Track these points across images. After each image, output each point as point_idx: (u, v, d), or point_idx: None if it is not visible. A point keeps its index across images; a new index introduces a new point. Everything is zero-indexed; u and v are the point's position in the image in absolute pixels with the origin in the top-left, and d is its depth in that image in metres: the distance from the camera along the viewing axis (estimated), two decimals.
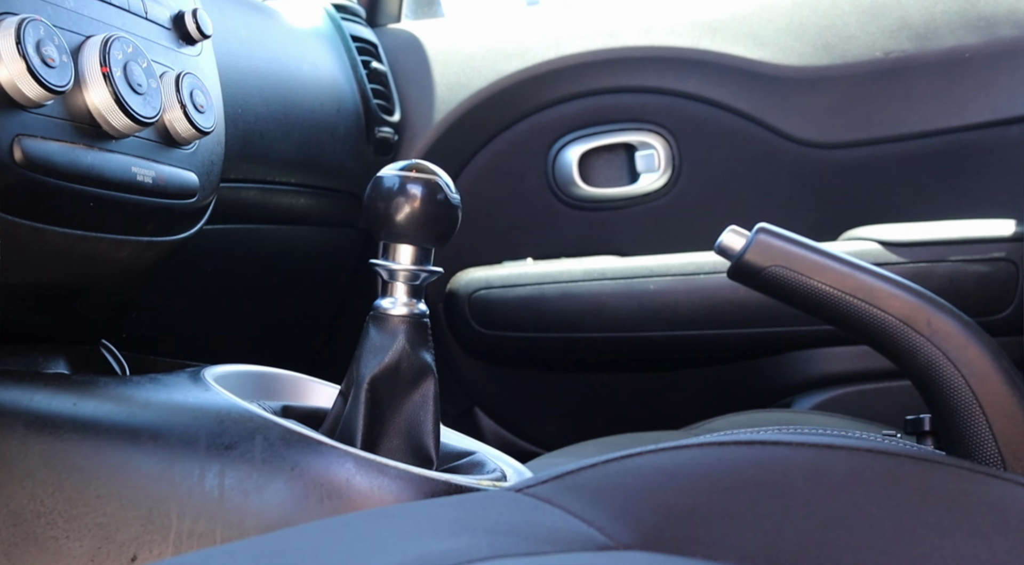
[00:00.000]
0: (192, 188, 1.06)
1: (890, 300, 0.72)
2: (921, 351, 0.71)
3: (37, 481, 0.79)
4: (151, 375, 0.88)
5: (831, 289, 0.73)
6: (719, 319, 1.83)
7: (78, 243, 0.94)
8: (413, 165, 0.89)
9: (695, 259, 1.87)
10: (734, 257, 0.75)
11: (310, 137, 1.63)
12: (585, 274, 1.90)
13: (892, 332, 0.72)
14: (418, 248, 0.88)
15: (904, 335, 0.72)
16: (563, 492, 0.64)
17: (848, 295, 0.73)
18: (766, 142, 1.92)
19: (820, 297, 0.73)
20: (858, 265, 0.73)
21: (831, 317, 0.74)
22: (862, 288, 0.73)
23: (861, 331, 0.73)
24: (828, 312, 0.74)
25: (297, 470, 0.78)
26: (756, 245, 0.75)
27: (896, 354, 0.73)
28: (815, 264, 0.73)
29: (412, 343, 0.88)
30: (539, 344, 1.92)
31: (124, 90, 0.93)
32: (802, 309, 0.75)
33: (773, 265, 0.74)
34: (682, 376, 1.92)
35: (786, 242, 0.75)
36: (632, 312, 1.86)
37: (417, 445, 0.88)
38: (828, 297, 0.73)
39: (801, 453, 0.67)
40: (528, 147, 1.98)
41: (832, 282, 0.73)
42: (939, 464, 0.66)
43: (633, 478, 0.65)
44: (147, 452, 0.79)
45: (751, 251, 0.75)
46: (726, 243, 0.76)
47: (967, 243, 1.79)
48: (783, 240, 0.75)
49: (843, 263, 0.74)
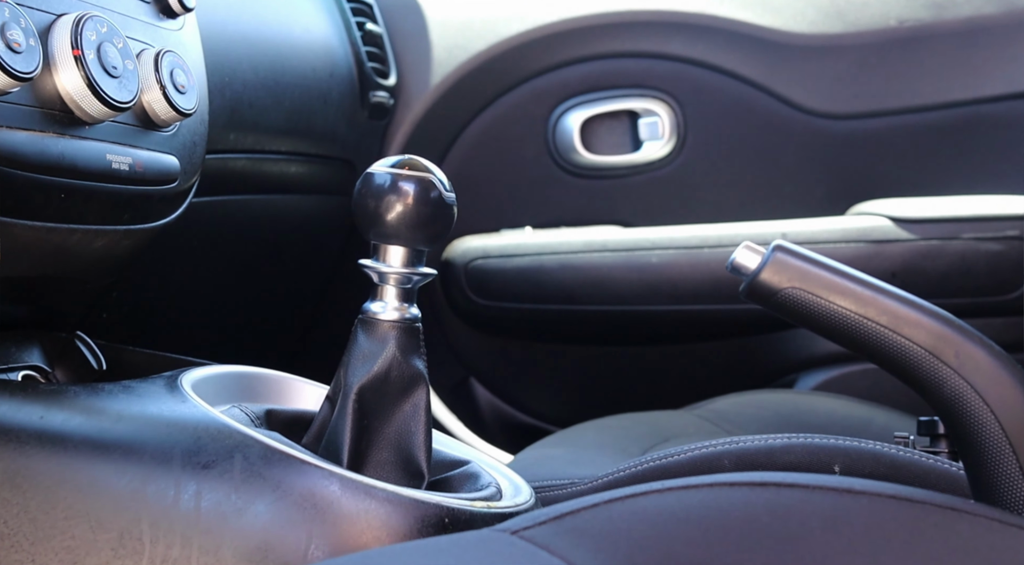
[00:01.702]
0: (172, 173, 1.00)
1: (916, 328, 0.67)
2: (947, 383, 0.66)
3: (1, 501, 0.74)
4: (124, 382, 0.83)
5: (853, 314, 0.68)
6: (723, 294, 1.79)
7: (49, 235, 0.89)
8: (405, 161, 0.83)
9: (699, 232, 1.82)
10: (748, 276, 0.70)
11: (302, 104, 1.57)
12: (585, 245, 1.84)
13: (917, 362, 0.67)
14: (410, 250, 0.83)
15: (930, 366, 0.67)
16: (563, 536, 0.60)
17: (871, 321, 0.67)
18: (774, 111, 1.86)
19: (840, 322, 0.68)
20: (882, 288, 0.68)
21: (851, 343, 0.69)
22: (886, 314, 0.67)
23: (883, 359, 0.68)
24: (848, 338, 0.69)
25: (279, 492, 0.73)
26: (772, 264, 0.69)
27: (920, 385, 0.68)
28: (835, 286, 0.68)
29: (403, 350, 0.83)
30: (537, 316, 1.87)
31: (98, 74, 0.87)
32: (820, 333, 0.70)
33: (790, 286, 0.69)
34: (684, 351, 1.87)
35: (804, 261, 0.69)
36: (633, 285, 1.81)
37: (407, 458, 0.83)
38: (849, 322, 0.68)
39: (819, 498, 0.62)
40: (528, 112, 1.91)
41: (854, 306, 0.68)
42: (966, 514, 0.61)
43: (639, 523, 0.61)
44: (119, 470, 0.74)
45: (767, 270, 0.69)
46: (739, 261, 0.71)
47: (979, 220, 1.74)
48: (801, 259, 0.69)
49: (866, 286, 0.68)
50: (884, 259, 1.74)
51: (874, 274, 1.78)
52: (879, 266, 1.74)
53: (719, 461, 0.95)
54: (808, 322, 0.69)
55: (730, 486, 0.64)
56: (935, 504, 0.61)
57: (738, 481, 0.64)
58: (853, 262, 1.73)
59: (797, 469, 0.94)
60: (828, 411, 1.58)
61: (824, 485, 0.63)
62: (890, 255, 1.74)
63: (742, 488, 0.63)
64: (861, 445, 0.93)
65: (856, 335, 0.68)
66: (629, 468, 1.00)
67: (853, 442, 0.94)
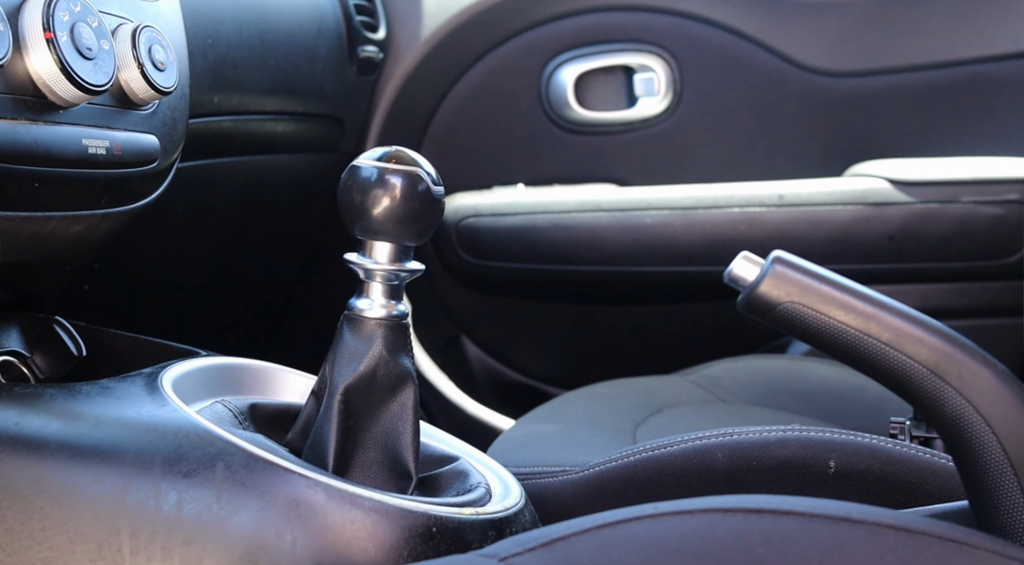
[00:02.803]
0: (152, 153, 0.97)
1: (918, 346, 0.65)
2: (949, 403, 0.64)
3: None
4: (102, 382, 0.80)
5: (853, 331, 0.65)
6: (718, 255, 1.76)
7: (23, 224, 0.86)
8: (392, 154, 0.80)
9: (694, 192, 1.79)
10: (745, 288, 0.68)
11: (288, 62, 1.53)
12: (579, 205, 1.81)
13: (918, 380, 0.65)
14: (397, 245, 0.80)
15: (931, 385, 0.65)
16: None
17: (871, 338, 0.65)
18: (773, 68, 1.82)
19: (840, 338, 0.66)
20: (884, 304, 0.66)
21: (851, 359, 0.67)
22: (888, 330, 0.65)
23: (884, 376, 0.66)
24: (848, 354, 0.66)
25: (262, 501, 0.71)
26: (771, 277, 0.67)
27: (921, 404, 0.66)
28: (836, 301, 0.66)
29: (390, 348, 0.81)
30: (529, 275, 1.84)
31: (71, 57, 0.83)
32: (819, 348, 0.67)
33: (789, 301, 0.66)
34: (678, 311, 1.85)
35: (804, 275, 0.67)
36: (627, 246, 1.79)
37: (394, 458, 0.81)
38: (849, 338, 0.66)
39: (815, 528, 0.60)
40: (521, 66, 1.87)
41: (854, 323, 0.65)
42: (966, 546, 0.59)
43: (630, 552, 0.59)
44: (97, 479, 0.72)
45: (765, 283, 0.67)
46: (737, 272, 0.68)
47: (979, 184, 1.71)
48: (801, 272, 0.67)
49: (868, 301, 0.66)
50: (882, 222, 1.72)
51: (871, 237, 1.76)
52: (876, 229, 1.72)
53: (713, 454, 0.94)
54: (806, 337, 0.67)
55: (724, 513, 0.62)
56: (935, 535, 0.59)
57: (733, 507, 0.62)
58: (850, 225, 1.72)
59: (792, 464, 0.92)
60: (821, 377, 1.57)
61: (821, 513, 0.61)
62: (888, 218, 1.72)
63: (737, 515, 0.62)
64: (857, 439, 0.92)
65: (856, 351, 0.66)
66: (620, 458, 0.98)
67: (849, 436, 0.92)
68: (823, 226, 1.73)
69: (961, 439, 0.65)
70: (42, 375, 0.96)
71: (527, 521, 0.80)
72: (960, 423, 0.65)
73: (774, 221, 1.74)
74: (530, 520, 0.81)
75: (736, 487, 0.93)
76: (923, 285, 1.74)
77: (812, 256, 1.77)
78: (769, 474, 0.92)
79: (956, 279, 1.72)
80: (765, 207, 1.74)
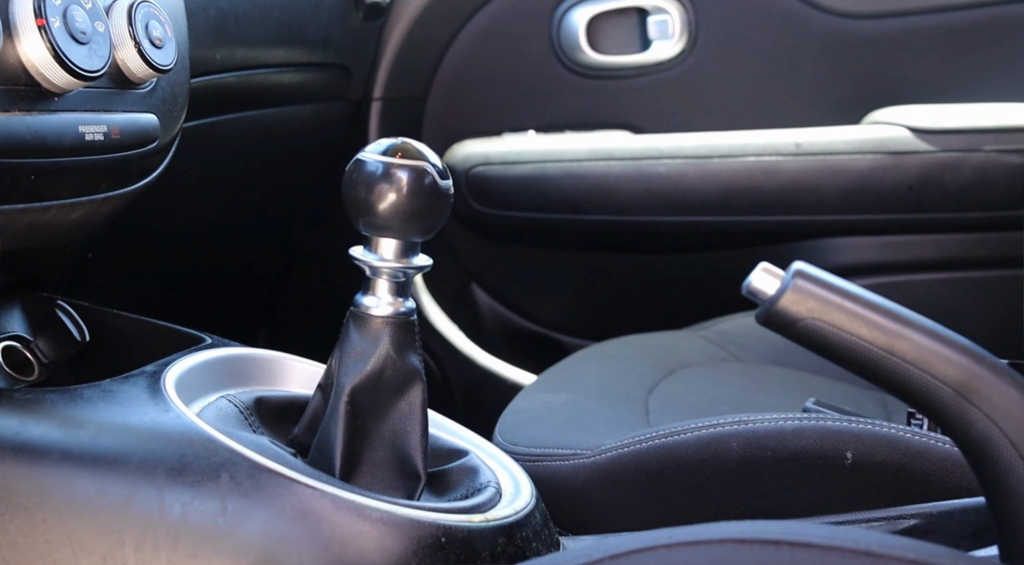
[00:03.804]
0: (152, 132, 0.94)
1: (944, 365, 0.62)
2: (976, 426, 0.62)
3: None
4: (105, 385, 0.78)
5: (876, 349, 0.63)
6: (732, 206, 1.73)
7: (20, 216, 0.84)
8: (398, 148, 0.77)
9: (708, 141, 1.75)
10: (764, 302, 0.65)
11: (292, 12, 1.49)
12: (591, 154, 1.77)
13: (944, 401, 0.63)
14: (404, 241, 0.78)
15: (957, 406, 0.62)
16: None
17: (895, 357, 0.63)
18: (791, 10, 1.76)
19: (863, 356, 0.64)
20: (909, 320, 0.63)
21: (874, 377, 0.64)
22: (913, 349, 0.63)
23: (908, 395, 0.64)
24: (871, 372, 0.64)
25: (267, 513, 0.70)
26: (791, 292, 0.64)
27: (947, 425, 0.63)
28: (859, 318, 0.63)
29: (397, 347, 0.78)
30: (540, 225, 1.81)
31: (64, 42, 0.80)
32: (841, 365, 0.65)
33: (810, 317, 0.64)
34: (690, 261, 1.82)
35: (826, 289, 0.64)
36: (640, 195, 1.75)
37: (403, 458, 0.79)
38: (872, 357, 0.63)
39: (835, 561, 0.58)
40: (531, 8, 1.82)
41: (878, 341, 0.63)
42: None
43: None
44: (100, 491, 0.71)
45: (785, 298, 0.64)
46: (756, 285, 0.65)
47: (1003, 132, 1.67)
48: (823, 287, 0.64)
49: (892, 318, 0.63)
50: (900, 171, 1.68)
51: (889, 187, 1.72)
52: (895, 179, 1.68)
53: (727, 443, 0.92)
54: (828, 354, 0.65)
55: (741, 543, 0.60)
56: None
57: (750, 538, 0.60)
58: (868, 174, 1.68)
59: (808, 454, 0.90)
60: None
61: (841, 545, 0.59)
62: (907, 167, 1.68)
63: (754, 547, 0.60)
64: (876, 429, 0.90)
65: (879, 370, 0.64)
66: (633, 443, 0.96)
67: (867, 425, 0.90)
68: (840, 176, 1.69)
69: (987, 462, 0.63)
70: (46, 359, 0.95)
71: (538, 522, 0.79)
72: (986, 446, 0.63)
73: (790, 170, 1.70)
74: (541, 520, 0.80)
75: (750, 477, 0.92)
76: (941, 235, 1.71)
77: (829, 206, 1.75)
78: (785, 464, 0.91)
79: (975, 229, 1.68)
80: (781, 156, 1.71)
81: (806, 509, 0.89)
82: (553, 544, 0.80)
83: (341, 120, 1.74)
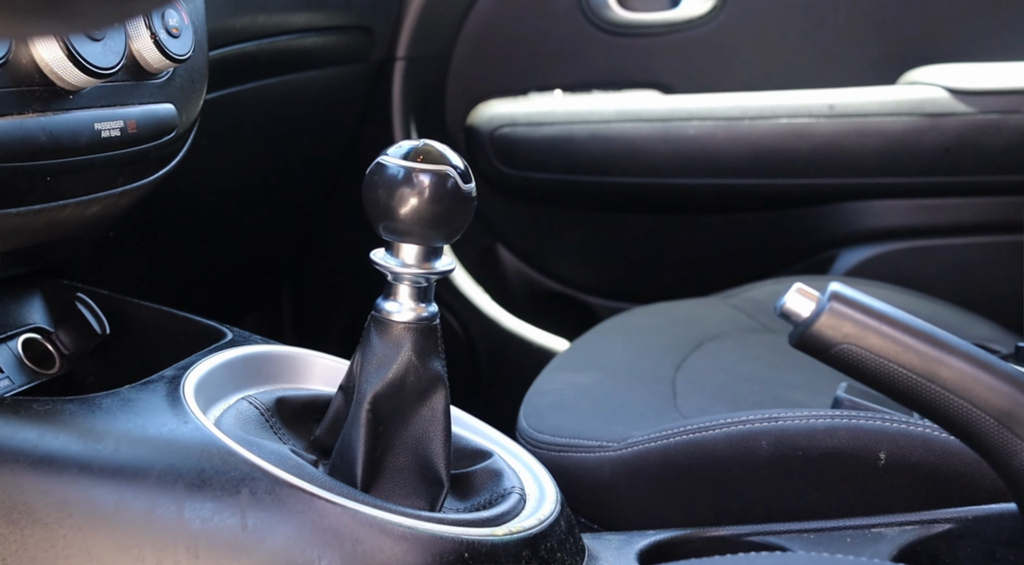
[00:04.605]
0: (170, 123, 0.92)
1: (986, 394, 0.60)
2: (1019, 456, 0.60)
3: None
4: (123, 394, 0.77)
5: (916, 377, 0.61)
6: (763, 168, 1.70)
7: (37, 216, 0.82)
8: (420, 151, 0.74)
9: (739, 102, 1.71)
10: (799, 325, 0.63)
11: None
12: (618, 115, 1.74)
13: (986, 431, 0.61)
14: (425, 247, 0.76)
15: (1000, 436, 0.61)
16: None
17: (935, 385, 0.61)
18: None
19: (902, 383, 0.62)
20: (950, 346, 0.61)
21: (912, 403, 0.63)
22: (953, 377, 0.61)
23: (948, 423, 0.62)
24: (910, 399, 0.62)
25: (288, 529, 0.69)
26: (828, 315, 0.62)
27: (988, 454, 0.62)
28: (897, 345, 0.61)
29: (419, 353, 0.77)
30: (566, 186, 1.79)
31: (78, 41, 0.78)
32: (879, 391, 0.63)
33: (846, 342, 0.62)
34: (720, 224, 1.79)
35: (863, 313, 0.62)
36: (669, 157, 1.72)
37: (426, 464, 0.78)
38: (911, 384, 0.61)
39: None
40: None
41: (917, 368, 0.61)
42: None
43: None
44: (120, 505, 0.70)
45: (821, 322, 0.62)
46: (790, 307, 0.63)
47: None
48: (859, 310, 0.62)
49: (932, 344, 0.61)
50: (938, 133, 1.64)
51: (926, 149, 1.68)
52: (932, 141, 1.64)
53: (756, 441, 0.90)
54: (865, 379, 0.63)
55: None
56: None
57: None
58: (904, 137, 1.64)
59: (840, 454, 0.89)
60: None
61: None
62: (945, 129, 1.63)
63: None
64: (910, 429, 0.88)
65: (919, 397, 0.62)
66: (660, 438, 0.95)
67: (901, 425, 0.88)
68: (875, 138, 1.65)
69: None
70: (66, 351, 0.94)
71: (563, 531, 0.78)
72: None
73: (823, 132, 1.66)
74: (566, 528, 0.79)
75: (780, 476, 0.90)
76: (979, 198, 1.67)
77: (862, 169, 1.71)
78: (815, 464, 0.89)
79: (1015, 193, 1.64)
80: (814, 117, 1.67)
81: (836, 510, 0.88)
82: (578, 552, 0.79)
83: (364, 82, 1.71)
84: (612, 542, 0.85)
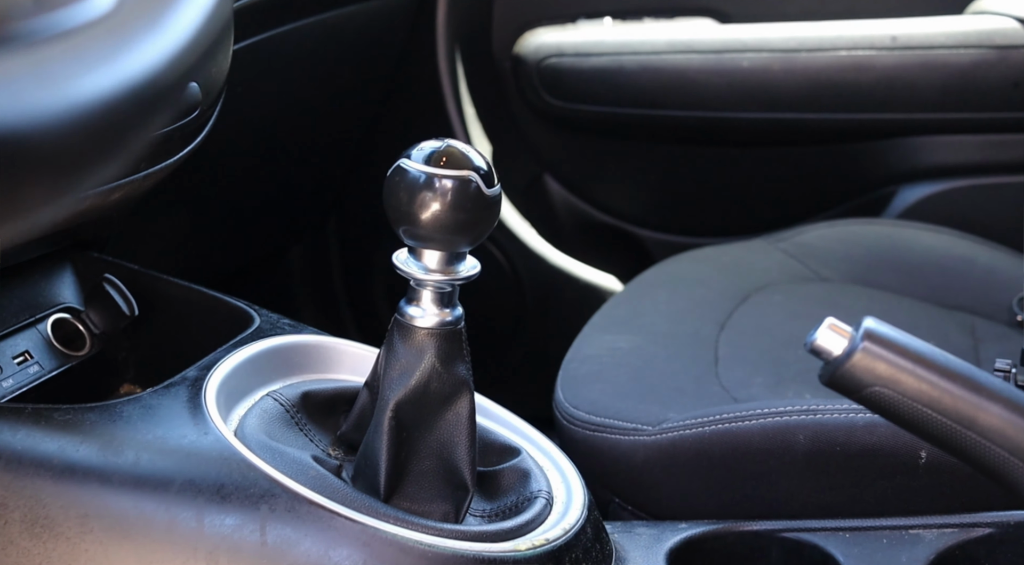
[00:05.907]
0: (193, 102, 0.89)
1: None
2: None
3: (21, 550, 0.71)
4: (144, 400, 0.76)
5: (951, 423, 0.58)
6: (820, 102, 1.63)
7: None
8: (442, 153, 0.71)
9: (795, 33, 1.63)
10: (830, 363, 0.60)
11: None
12: (669, 46, 1.67)
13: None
14: (448, 252, 0.73)
15: None
16: None
17: (972, 432, 0.58)
18: None
19: (937, 429, 0.59)
20: (988, 389, 0.58)
21: (948, 449, 0.60)
22: (991, 425, 0.57)
23: (985, 470, 0.59)
24: (945, 445, 0.59)
25: (307, 548, 0.69)
26: (860, 355, 0.59)
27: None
28: (933, 388, 0.58)
29: (443, 359, 0.75)
30: (615, 119, 1.73)
31: None
32: (913, 433, 0.60)
33: (879, 385, 0.59)
34: (774, 159, 1.74)
35: (897, 354, 0.59)
36: (721, 91, 1.66)
37: (450, 469, 0.77)
38: (947, 431, 0.58)
39: None
40: None
41: (953, 414, 0.58)
42: None
43: None
44: (141, 519, 0.70)
45: (853, 362, 0.59)
46: (821, 344, 0.60)
47: None
48: (893, 350, 0.59)
49: (968, 387, 0.58)
50: (1007, 67, 1.56)
51: (994, 84, 1.61)
52: (1000, 75, 1.56)
53: (794, 435, 0.88)
54: (899, 422, 0.60)
55: None
56: None
57: None
58: (971, 70, 1.57)
59: (880, 451, 0.86)
60: (925, 248, 1.47)
61: None
62: (1014, 62, 1.55)
63: None
64: None
65: (954, 443, 0.59)
66: (696, 425, 0.93)
67: None
68: (940, 72, 1.57)
69: None
70: (96, 330, 0.94)
71: (588, 538, 0.77)
72: None
73: (885, 66, 1.59)
74: (592, 534, 0.77)
75: (816, 471, 0.88)
76: None
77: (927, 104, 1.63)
78: (854, 460, 0.86)
79: None
80: (875, 50, 1.59)
81: (873, 508, 0.85)
82: (605, 558, 0.78)
83: (406, 13, 1.66)
84: (642, 539, 0.83)
